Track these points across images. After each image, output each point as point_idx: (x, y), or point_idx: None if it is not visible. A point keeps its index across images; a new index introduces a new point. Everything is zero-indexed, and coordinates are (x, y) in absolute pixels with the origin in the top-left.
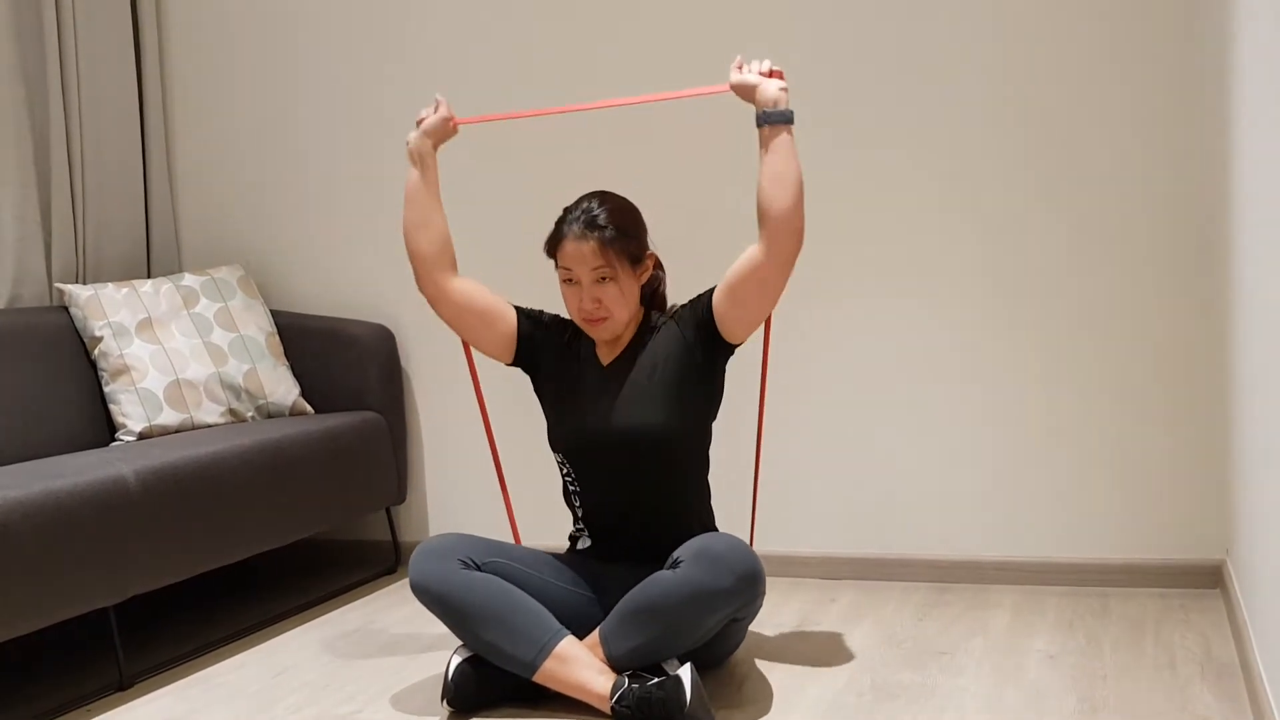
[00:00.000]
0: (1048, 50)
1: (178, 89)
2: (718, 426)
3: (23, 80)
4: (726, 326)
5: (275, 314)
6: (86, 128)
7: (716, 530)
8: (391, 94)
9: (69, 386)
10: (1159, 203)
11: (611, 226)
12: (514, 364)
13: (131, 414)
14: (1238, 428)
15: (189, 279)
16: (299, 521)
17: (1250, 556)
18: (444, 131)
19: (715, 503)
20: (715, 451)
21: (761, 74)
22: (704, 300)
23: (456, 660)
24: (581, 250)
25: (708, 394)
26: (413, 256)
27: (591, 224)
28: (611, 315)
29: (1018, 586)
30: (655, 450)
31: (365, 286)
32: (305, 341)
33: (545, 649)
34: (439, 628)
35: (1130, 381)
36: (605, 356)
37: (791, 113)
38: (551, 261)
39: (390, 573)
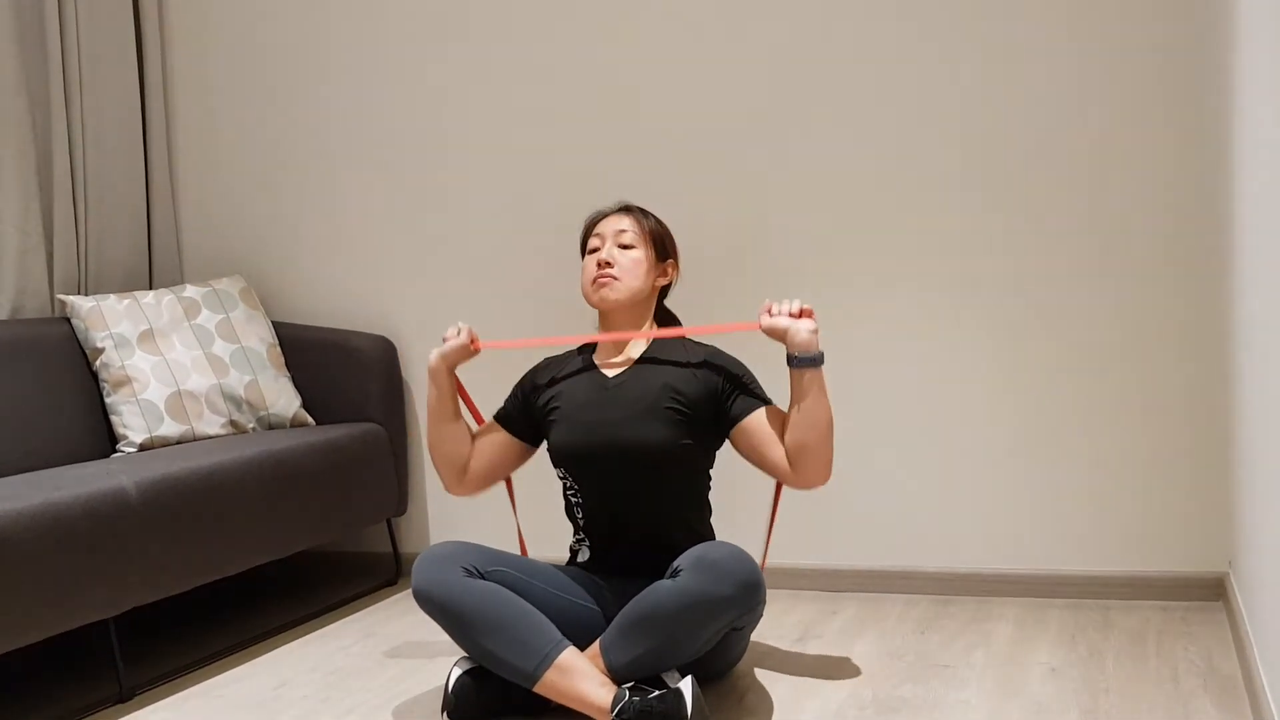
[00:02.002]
0: (1048, 52)
1: (180, 100)
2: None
3: (25, 91)
4: (730, 441)
5: (277, 325)
6: (89, 139)
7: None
8: (394, 105)
9: (70, 397)
10: (1162, 216)
11: (649, 217)
12: (538, 446)
13: (132, 425)
14: (1240, 440)
15: (190, 290)
16: (300, 533)
17: (1253, 569)
18: (463, 355)
19: (723, 519)
20: (725, 468)
21: (791, 314)
22: (734, 406)
23: (457, 672)
24: (614, 218)
25: (708, 434)
26: (436, 465)
27: (630, 208)
28: (621, 279)
29: (1020, 599)
30: (655, 465)
31: (366, 298)
32: (306, 353)
33: (546, 659)
34: (439, 640)
35: (1132, 394)
36: (610, 368)
37: (822, 355)
38: (561, 279)
39: (391, 584)
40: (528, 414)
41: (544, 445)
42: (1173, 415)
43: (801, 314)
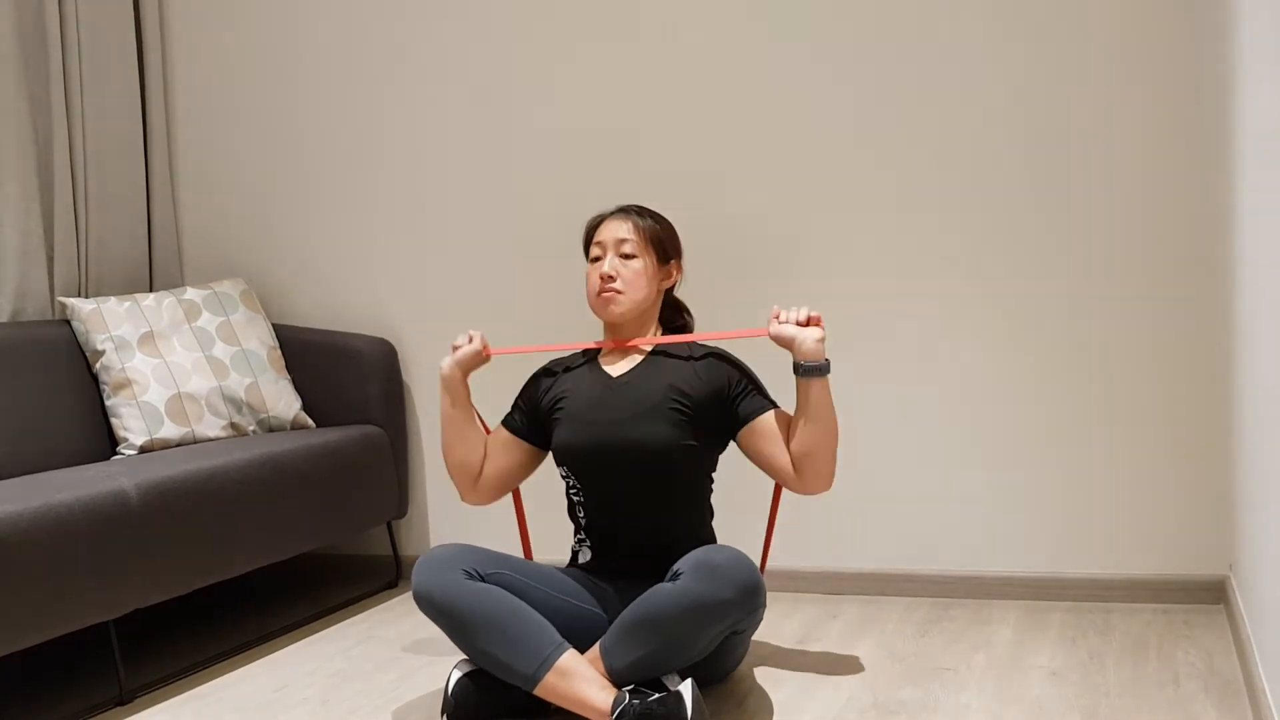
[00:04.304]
0: (1047, 56)
1: (181, 103)
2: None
3: (26, 94)
4: (737, 443)
5: (277, 328)
6: (89, 141)
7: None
8: (394, 108)
9: (70, 400)
10: (1160, 217)
11: (649, 217)
12: (548, 450)
13: (133, 427)
14: (1241, 443)
15: (191, 293)
16: (300, 535)
17: (1253, 572)
18: (475, 361)
19: (723, 522)
20: (725, 471)
21: (799, 323)
22: (741, 409)
23: (456, 675)
24: (615, 225)
25: (713, 435)
26: (449, 471)
27: (631, 211)
28: (625, 292)
29: (1020, 602)
30: (660, 463)
31: (367, 300)
32: (307, 355)
33: (546, 662)
34: (439, 642)
35: (1133, 396)
36: (615, 369)
37: (828, 363)
38: (566, 279)
39: (391, 587)
40: (535, 417)
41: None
42: (1173, 418)
43: (810, 322)
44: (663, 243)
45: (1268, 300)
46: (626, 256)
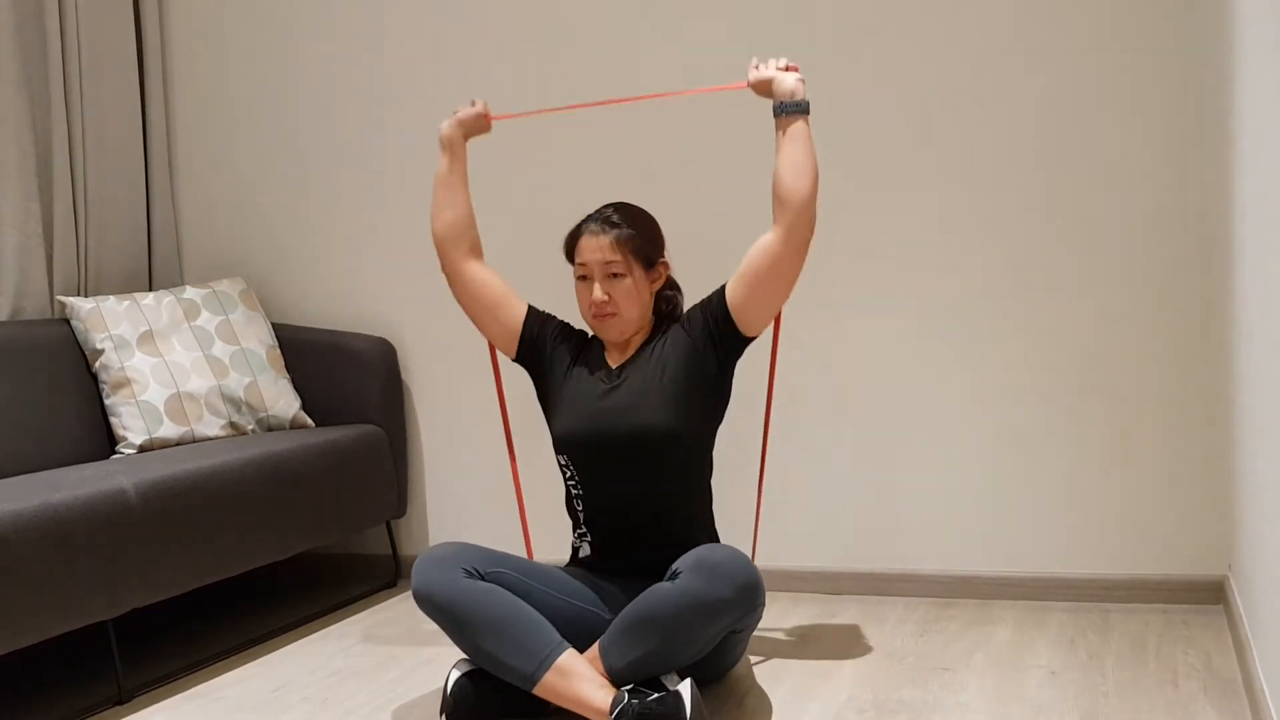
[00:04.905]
0: (1046, 56)
1: (180, 102)
2: (723, 435)
3: (26, 92)
4: (744, 318)
5: (276, 327)
6: (89, 140)
7: (716, 537)
8: (395, 107)
9: (69, 399)
10: (1160, 217)
11: (627, 226)
12: (517, 360)
13: (132, 427)
14: (1240, 443)
15: (190, 292)
16: (299, 535)
17: (1252, 572)
18: (477, 125)
19: (718, 512)
20: (720, 461)
21: (779, 69)
22: (715, 299)
23: (456, 674)
24: (596, 244)
25: (716, 398)
26: (435, 237)
27: (608, 222)
28: (620, 312)
29: (1019, 602)
30: (659, 451)
31: (366, 299)
32: (306, 354)
33: (545, 662)
34: (438, 642)
35: (1131, 397)
36: (615, 360)
37: (808, 103)
38: (570, 267)
39: (390, 586)
40: (542, 334)
41: (543, 439)
42: (1173, 418)
43: (788, 69)
44: (646, 250)
45: (1267, 300)
46: (614, 275)
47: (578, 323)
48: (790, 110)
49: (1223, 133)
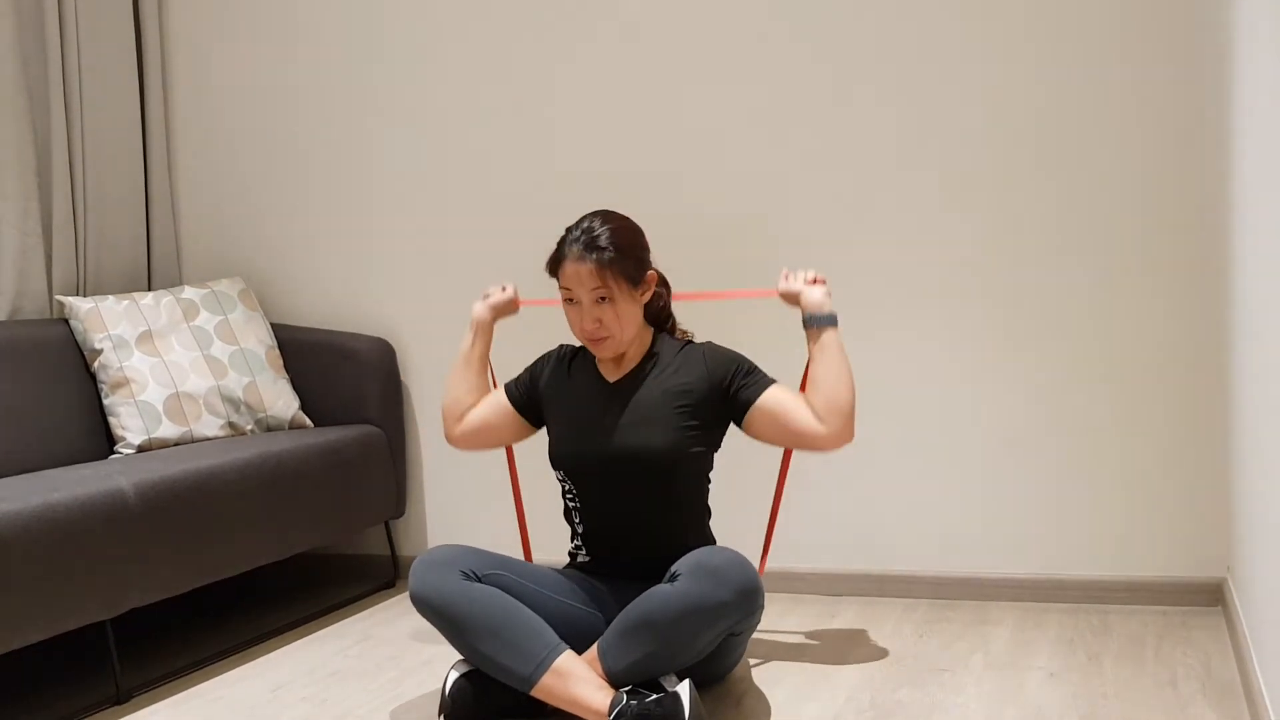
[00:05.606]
0: (1046, 57)
1: (180, 102)
2: (728, 444)
3: (25, 92)
4: (749, 431)
5: (275, 327)
6: (88, 140)
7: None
8: (394, 109)
9: (68, 399)
10: (1158, 222)
11: (611, 247)
12: (537, 428)
13: (131, 427)
14: (1239, 445)
15: (189, 292)
16: (298, 535)
17: (1251, 574)
18: (507, 308)
19: (722, 523)
20: (724, 472)
21: (806, 282)
22: (744, 393)
23: (454, 676)
24: (580, 271)
25: (718, 428)
26: (444, 410)
27: (591, 245)
28: (613, 335)
29: (1018, 604)
30: (659, 471)
31: (365, 300)
32: (305, 355)
33: (544, 664)
34: (436, 643)
35: (1131, 400)
36: (610, 374)
37: (835, 315)
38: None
39: (389, 587)
40: (532, 395)
41: (543, 440)
42: (1172, 421)
43: (815, 282)
44: (631, 272)
45: (1264, 303)
46: (602, 300)
47: (565, 337)
48: (820, 322)
49: (1223, 133)
